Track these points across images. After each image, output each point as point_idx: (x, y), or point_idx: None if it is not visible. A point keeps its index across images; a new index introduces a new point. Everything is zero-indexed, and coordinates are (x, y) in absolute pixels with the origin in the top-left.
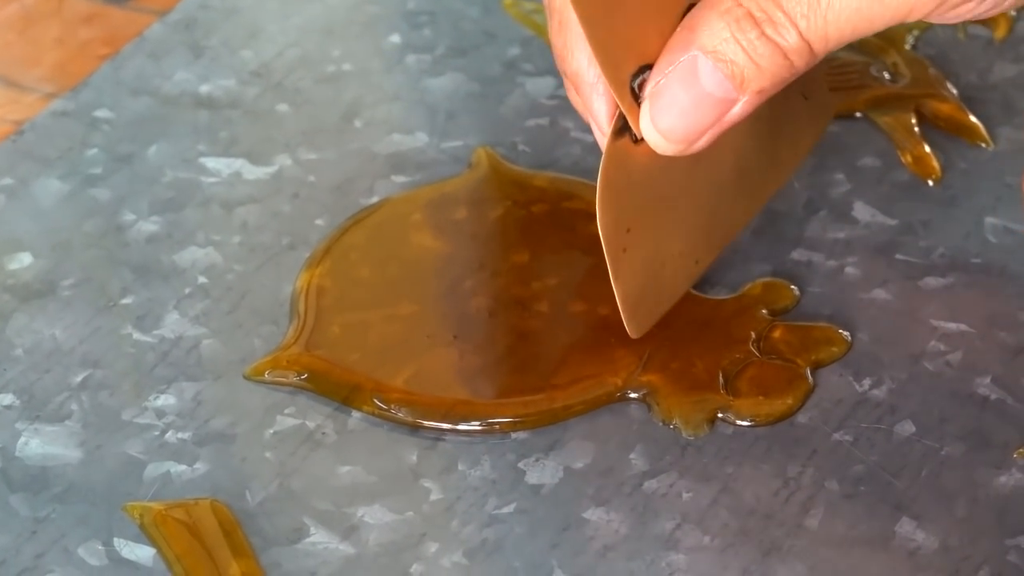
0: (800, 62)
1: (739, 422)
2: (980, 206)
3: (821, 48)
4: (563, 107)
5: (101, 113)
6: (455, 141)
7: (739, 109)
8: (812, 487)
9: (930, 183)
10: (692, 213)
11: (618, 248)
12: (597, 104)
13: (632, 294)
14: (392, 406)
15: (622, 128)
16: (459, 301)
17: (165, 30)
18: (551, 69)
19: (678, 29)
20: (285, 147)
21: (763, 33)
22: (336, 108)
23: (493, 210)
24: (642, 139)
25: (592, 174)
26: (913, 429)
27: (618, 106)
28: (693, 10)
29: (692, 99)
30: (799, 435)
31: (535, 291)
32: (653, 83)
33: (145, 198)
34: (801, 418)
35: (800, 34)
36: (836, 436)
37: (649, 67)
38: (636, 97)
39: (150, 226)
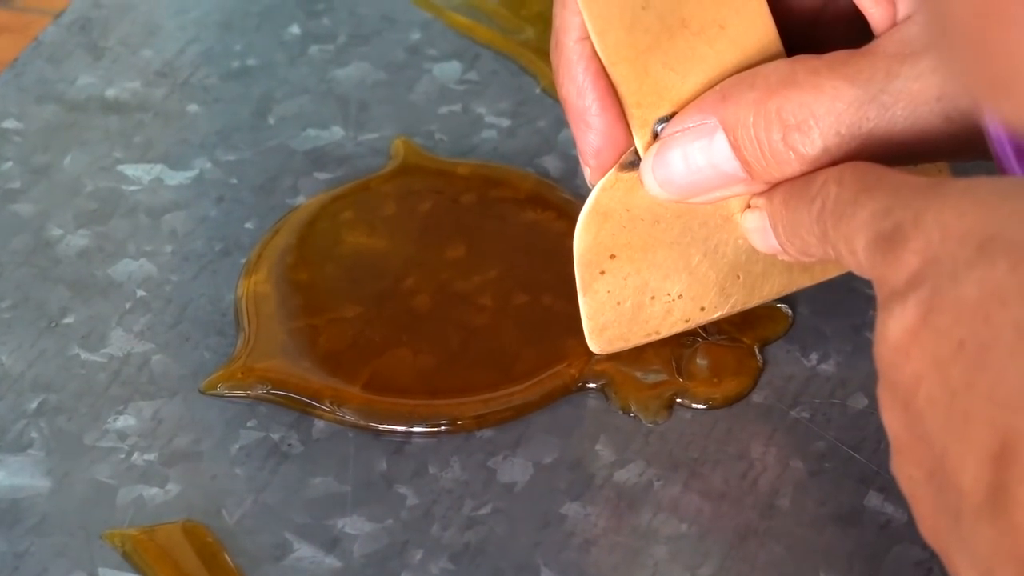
0: (815, 168)
1: (696, 405)
2: None
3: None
4: (473, 91)
5: (9, 124)
6: (371, 133)
7: (745, 188)
8: (778, 467)
9: None
10: (705, 264)
11: (594, 269)
12: (584, 134)
13: (602, 315)
14: (354, 414)
15: (632, 163)
16: (403, 300)
17: (60, 32)
18: (456, 52)
19: (712, 90)
20: (202, 149)
21: (785, 138)
22: (247, 105)
23: (421, 203)
24: None
25: (512, 158)
26: (866, 402)
27: (632, 141)
28: (733, 77)
29: (697, 162)
30: (757, 415)
31: (476, 285)
32: (669, 132)
33: (69, 211)
34: (756, 397)
35: (820, 153)
36: (793, 414)
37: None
38: (656, 138)
39: (79, 240)
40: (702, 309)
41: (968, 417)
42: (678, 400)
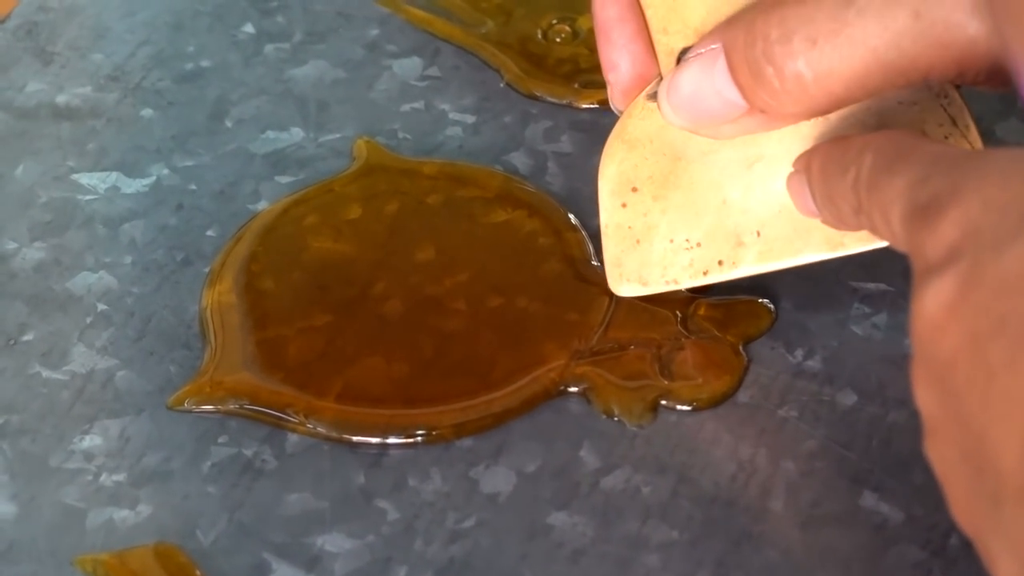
0: (798, 98)
1: (681, 407)
2: None
3: (817, 89)
4: (435, 88)
5: None
6: (332, 134)
7: (749, 120)
8: (768, 468)
9: None
10: (724, 214)
11: (616, 199)
12: (607, 48)
13: (620, 249)
14: (328, 426)
15: (656, 92)
16: (373, 306)
17: (6, 37)
18: (415, 48)
19: (724, 20)
20: (158, 155)
21: (766, 53)
22: (202, 108)
23: (387, 205)
24: None
25: (477, 156)
26: (855, 398)
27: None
28: (748, 3)
29: (703, 89)
30: (744, 415)
31: (448, 288)
32: (685, 59)
33: (23, 223)
34: (742, 397)
35: (801, 67)
36: (781, 412)
37: None
38: None
39: (35, 253)
40: (720, 263)
41: (1009, 397)
42: (662, 402)
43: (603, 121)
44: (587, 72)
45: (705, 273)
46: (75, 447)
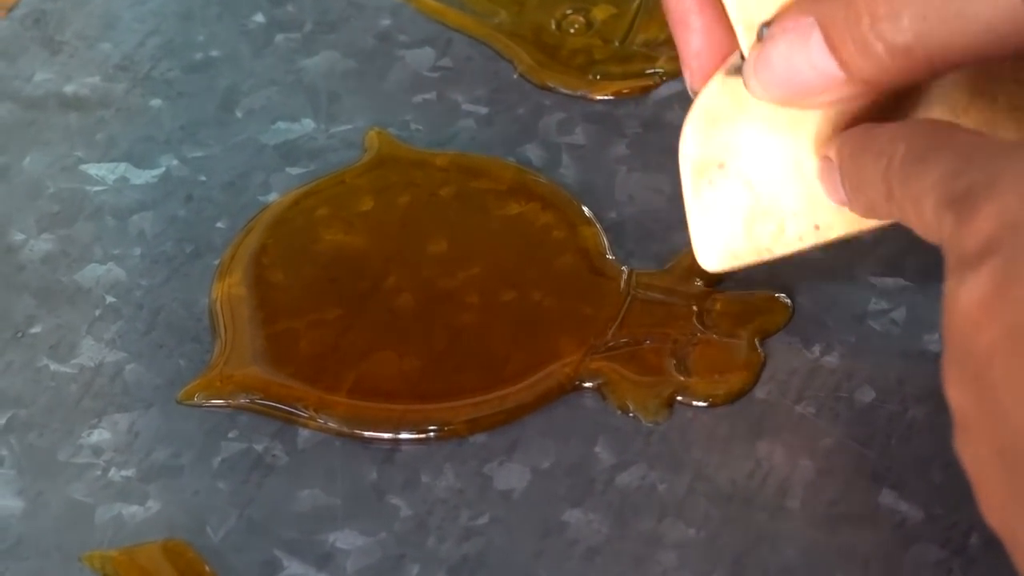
0: (905, 70)
1: (697, 403)
2: None
3: (926, 61)
4: (448, 78)
5: None
6: (344, 125)
7: (846, 90)
8: (785, 466)
9: None
10: (817, 182)
11: (702, 178)
12: (684, 34)
13: (711, 228)
14: (339, 422)
15: (737, 67)
16: (385, 299)
17: (13, 26)
18: (428, 38)
19: None
20: (167, 145)
21: (874, 27)
22: (212, 98)
23: (399, 197)
24: None
25: (490, 148)
26: (873, 395)
27: (733, 45)
28: None
29: (797, 63)
30: (761, 411)
31: (461, 282)
32: (770, 32)
33: (31, 214)
34: (759, 393)
35: (911, 41)
36: (798, 409)
37: None
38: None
39: (43, 244)
40: (816, 227)
41: None
42: (678, 398)
43: (617, 113)
44: (601, 63)
45: (800, 240)
46: (83, 441)
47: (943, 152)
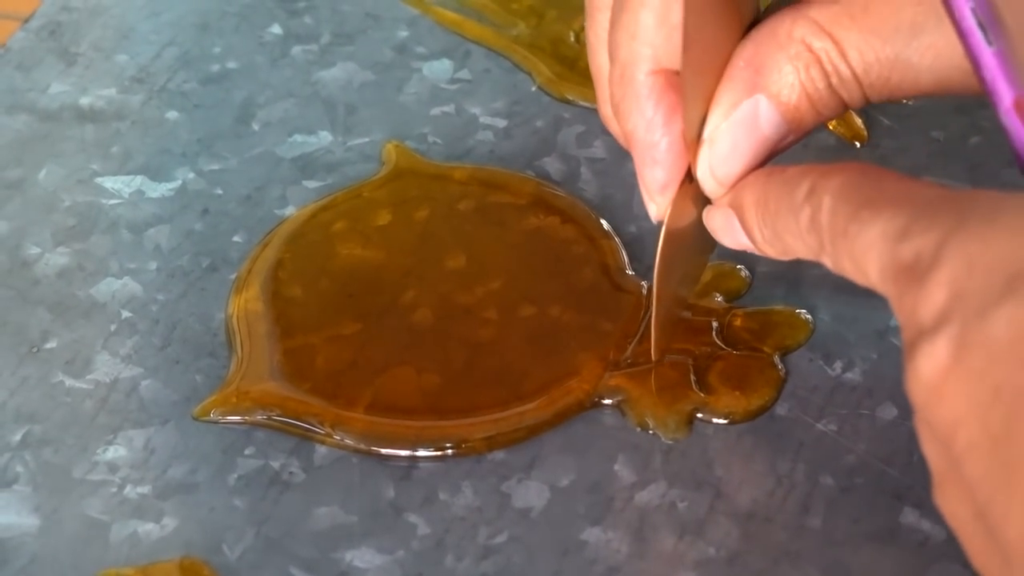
0: (851, 107)
1: (717, 420)
2: (912, 164)
3: (875, 100)
4: (465, 91)
5: None
6: (361, 138)
7: (783, 147)
8: (807, 483)
9: (857, 145)
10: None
11: (666, 292)
12: (651, 170)
13: (661, 327)
14: (357, 438)
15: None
16: (403, 315)
17: (29, 38)
18: (445, 50)
19: (738, 67)
20: (184, 158)
21: (830, 85)
22: (228, 111)
23: (417, 211)
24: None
25: (508, 161)
26: (895, 412)
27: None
28: (751, 46)
29: (751, 144)
30: (782, 428)
31: (480, 297)
32: (714, 126)
33: (47, 228)
34: (780, 410)
35: (863, 91)
36: (819, 426)
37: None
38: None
39: (58, 258)
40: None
41: (1010, 467)
42: (698, 415)
43: None
44: None
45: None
46: (99, 458)
47: (878, 208)
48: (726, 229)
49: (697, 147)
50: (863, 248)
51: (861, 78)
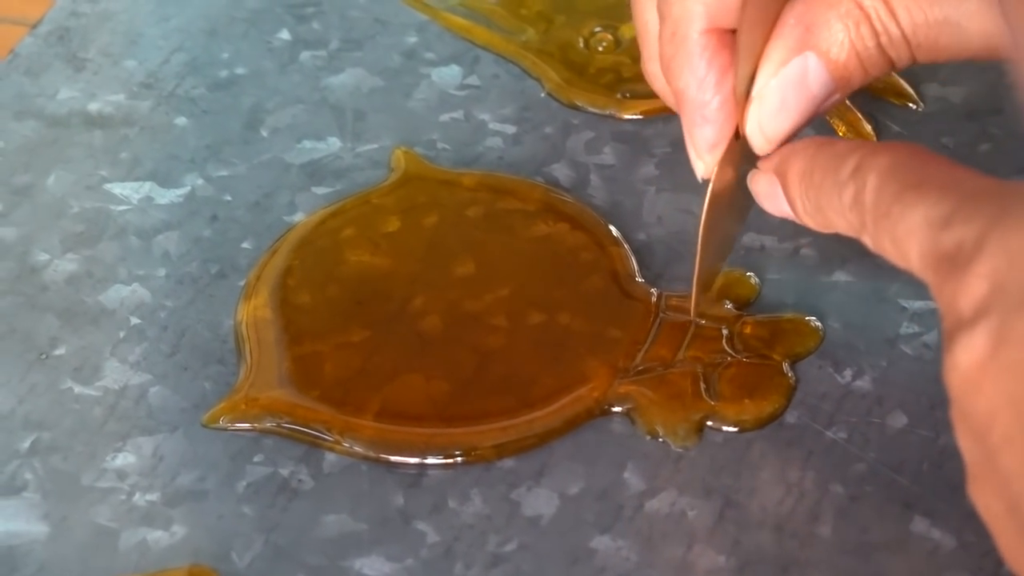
0: (897, 69)
1: (727, 428)
2: None
3: (922, 60)
4: (475, 97)
5: None
6: (370, 144)
7: (828, 105)
8: (816, 492)
9: None
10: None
11: (708, 251)
12: (700, 128)
13: (702, 287)
14: (366, 446)
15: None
16: (411, 322)
17: (37, 43)
18: (454, 56)
19: (788, 24)
20: (192, 164)
21: (879, 44)
22: (237, 116)
23: (426, 217)
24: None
25: (517, 168)
26: (905, 420)
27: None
28: (801, 4)
29: (799, 101)
30: (791, 436)
31: (488, 304)
32: (763, 83)
33: (55, 234)
34: (790, 418)
35: (911, 51)
36: (829, 434)
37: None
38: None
39: (67, 265)
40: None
41: None
42: (708, 423)
43: (646, 132)
44: (629, 82)
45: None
46: (107, 465)
47: (922, 192)
48: (769, 196)
49: (746, 104)
50: (905, 232)
51: (910, 38)
